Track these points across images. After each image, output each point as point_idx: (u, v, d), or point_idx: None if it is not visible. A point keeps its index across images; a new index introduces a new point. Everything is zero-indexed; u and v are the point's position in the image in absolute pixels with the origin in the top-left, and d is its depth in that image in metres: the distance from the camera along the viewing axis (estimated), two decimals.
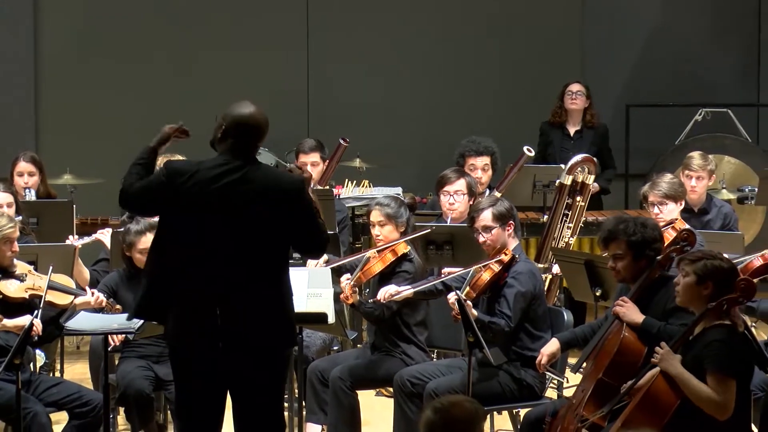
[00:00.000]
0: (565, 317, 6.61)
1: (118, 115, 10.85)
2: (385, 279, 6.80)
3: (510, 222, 6.61)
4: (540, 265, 7.63)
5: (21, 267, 6.42)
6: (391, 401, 6.74)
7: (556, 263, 7.81)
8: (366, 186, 9.25)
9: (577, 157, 8.21)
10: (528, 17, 11.26)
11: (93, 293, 6.53)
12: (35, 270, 6.49)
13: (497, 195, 7.63)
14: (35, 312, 5.99)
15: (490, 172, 8.35)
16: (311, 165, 8.66)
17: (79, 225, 8.21)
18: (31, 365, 6.75)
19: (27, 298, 6.32)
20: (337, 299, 6.61)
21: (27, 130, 10.89)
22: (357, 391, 6.77)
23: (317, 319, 6.09)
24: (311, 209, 5.21)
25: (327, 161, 8.78)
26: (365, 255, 6.85)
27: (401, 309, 6.74)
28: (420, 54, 11.22)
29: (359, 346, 7.60)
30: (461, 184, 7.69)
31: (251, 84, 10.65)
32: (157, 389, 6.65)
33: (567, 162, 8.41)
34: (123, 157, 10.17)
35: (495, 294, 6.48)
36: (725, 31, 11.37)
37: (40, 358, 7.25)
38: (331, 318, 6.10)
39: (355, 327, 8.23)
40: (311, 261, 7.05)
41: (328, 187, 8.74)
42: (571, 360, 6.63)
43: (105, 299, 6.55)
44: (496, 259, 6.47)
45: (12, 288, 6.33)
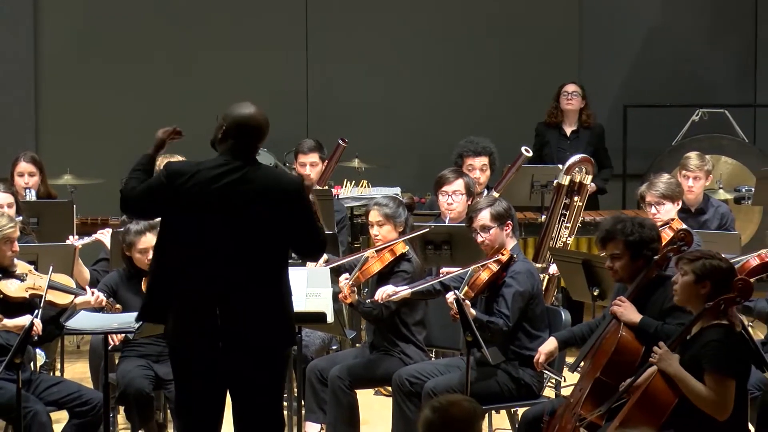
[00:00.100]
0: (563, 317, 6.61)
1: (118, 115, 10.84)
2: (384, 279, 6.80)
3: (508, 222, 6.61)
4: (538, 265, 7.64)
5: (21, 267, 6.41)
6: (390, 400, 6.75)
7: (553, 263, 7.83)
8: (365, 186, 9.22)
9: (575, 158, 8.21)
10: (526, 18, 11.25)
11: (93, 293, 6.53)
12: (35, 270, 6.49)
13: (495, 195, 7.61)
14: (35, 311, 5.98)
15: (488, 172, 8.35)
16: (310, 165, 8.69)
17: (80, 225, 8.20)
18: (32, 364, 6.74)
19: (27, 297, 6.32)
20: (336, 299, 6.63)
21: (27, 130, 10.89)
22: (356, 390, 6.77)
23: (316, 319, 6.08)
24: (310, 210, 5.24)
25: (326, 161, 8.80)
26: (364, 255, 6.85)
27: (400, 308, 6.75)
28: (418, 54, 11.21)
29: (358, 345, 7.59)
30: (459, 184, 7.69)
31: (251, 84, 10.64)
32: (157, 388, 6.64)
33: (564, 162, 8.41)
34: (123, 157, 10.21)
35: (493, 293, 6.48)
36: (722, 32, 11.37)
37: (40, 357, 7.23)
38: (330, 317, 6.09)
39: (354, 326, 8.22)
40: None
41: (327, 187, 8.74)
42: (569, 359, 6.64)
43: (105, 299, 6.55)
44: (494, 259, 6.47)
45: (12, 287, 6.32)
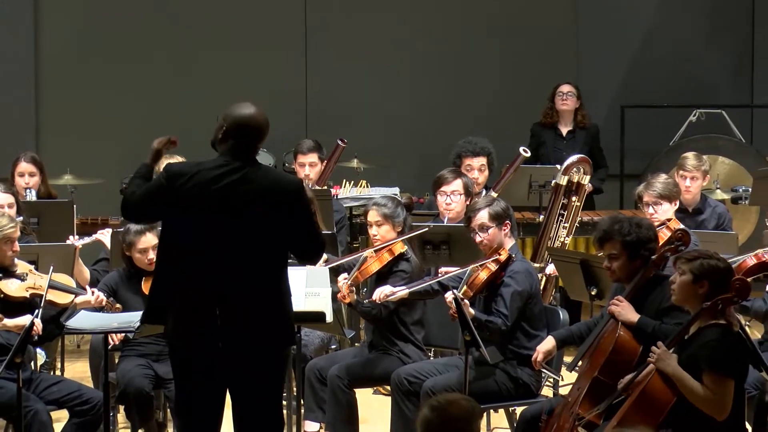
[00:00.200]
0: (561, 316, 6.63)
1: (118, 115, 10.85)
2: (383, 278, 6.82)
3: (506, 222, 6.62)
4: (536, 265, 7.65)
5: (22, 266, 6.42)
6: (389, 399, 6.77)
7: (549, 263, 7.85)
8: (363, 186, 9.23)
9: (573, 158, 8.22)
10: (523, 18, 11.25)
11: (93, 292, 6.53)
12: (36, 269, 6.49)
13: (494, 195, 7.62)
14: (36, 311, 5.98)
15: (486, 172, 8.36)
16: (309, 165, 8.72)
17: (80, 225, 8.20)
18: (32, 364, 6.75)
19: (28, 297, 6.32)
20: (335, 298, 6.65)
21: (27, 130, 10.89)
22: (355, 390, 6.79)
23: (315, 318, 6.09)
24: (310, 211, 5.27)
25: (325, 162, 8.83)
26: (362, 255, 6.86)
27: (398, 308, 6.76)
28: (417, 55, 11.20)
29: (357, 344, 7.59)
30: (458, 184, 7.71)
31: (251, 84, 10.64)
32: (157, 387, 6.65)
33: (561, 162, 8.43)
34: (123, 157, 10.31)
35: (492, 293, 6.49)
36: (720, 33, 11.37)
37: (40, 356, 7.22)
38: (329, 317, 6.09)
39: (353, 326, 8.22)
40: None
41: (326, 188, 8.76)
42: (567, 358, 6.66)
43: (105, 298, 6.56)
44: (492, 259, 6.48)
45: (13, 287, 6.32)
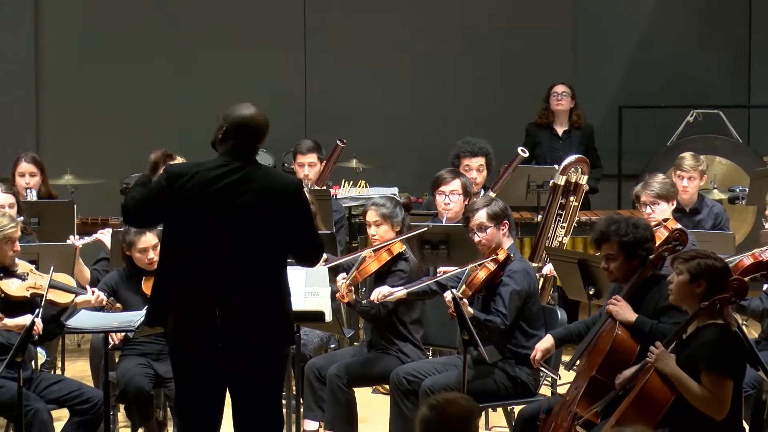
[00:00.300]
0: (559, 315, 6.64)
1: (118, 116, 10.85)
2: (381, 278, 6.83)
3: (504, 221, 6.64)
4: (534, 264, 7.67)
5: (22, 266, 6.43)
6: (388, 398, 6.78)
7: (546, 264, 7.87)
8: (362, 186, 9.24)
9: (571, 158, 8.23)
10: (521, 20, 11.26)
11: (93, 292, 6.54)
12: (36, 269, 6.50)
13: (492, 195, 7.62)
14: (36, 311, 5.99)
15: (484, 172, 8.38)
16: (308, 165, 8.75)
17: (80, 225, 8.20)
18: (33, 363, 6.75)
19: (28, 296, 6.33)
20: (334, 298, 6.67)
21: (28, 130, 10.89)
22: (354, 389, 6.80)
23: (314, 318, 6.11)
24: (309, 212, 5.28)
25: (324, 162, 8.85)
26: (361, 254, 6.88)
27: (397, 307, 6.77)
28: (415, 55, 11.21)
29: (356, 344, 7.59)
30: (456, 184, 7.73)
31: (250, 84, 10.65)
32: (157, 386, 6.67)
33: (557, 162, 8.45)
34: (123, 158, 10.34)
35: (490, 292, 6.50)
36: (716, 34, 11.37)
37: (41, 356, 7.22)
38: (329, 316, 6.12)
39: (352, 325, 8.20)
40: None
41: (325, 188, 8.79)
42: (565, 358, 6.69)
43: (105, 298, 6.57)
44: (491, 258, 6.50)
45: (14, 287, 6.33)
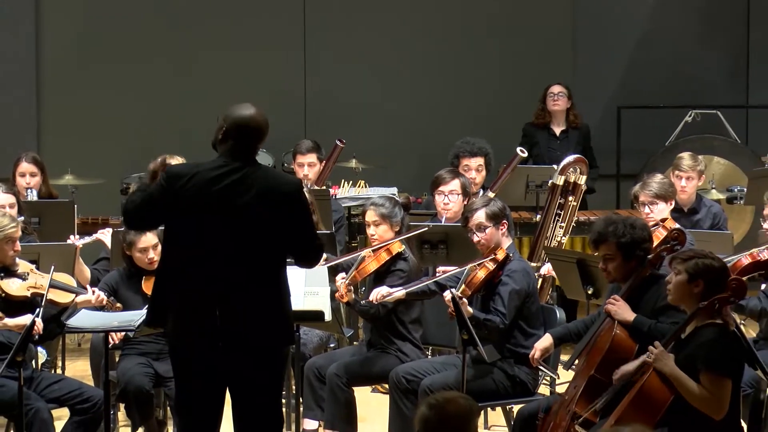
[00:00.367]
0: (558, 315, 6.65)
1: (118, 116, 10.86)
2: (381, 277, 6.85)
3: (503, 221, 6.65)
4: (533, 264, 7.69)
5: (23, 266, 6.44)
6: (387, 397, 6.79)
7: (545, 264, 7.88)
8: (362, 186, 9.26)
9: (570, 158, 8.23)
10: (522, 19, 11.28)
11: (94, 291, 6.56)
12: (37, 269, 6.51)
13: (491, 195, 7.63)
14: (37, 310, 6.00)
15: (483, 172, 8.39)
16: (308, 166, 8.77)
17: (80, 225, 8.20)
18: (33, 362, 6.75)
19: (29, 296, 6.34)
20: (333, 297, 6.68)
21: (28, 130, 10.90)
22: (353, 388, 6.81)
23: (314, 317, 6.13)
24: (309, 212, 5.29)
25: (324, 162, 8.87)
26: (360, 254, 6.90)
27: (396, 307, 6.78)
28: (415, 55, 11.22)
29: (355, 343, 7.61)
30: (456, 184, 7.75)
31: (250, 84, 10.66)
32: (157, 386, 6.67)
33: (554, 161, 8.46)
34: (124, 158, 10.36)
35: (490, 292, 6.51)
36: (715, 34, 11.39)
37: (41, 355, 7.22)
38: (328, 316, 6.14)
39: (351, 324, 8.22)
40: None
41: (324, 188, 8.81)
42: (564, 357, 6.71)
43: (105, 297, 6.58)
44: (490, 258, 6.51)
45: (14, 286, 6.34)
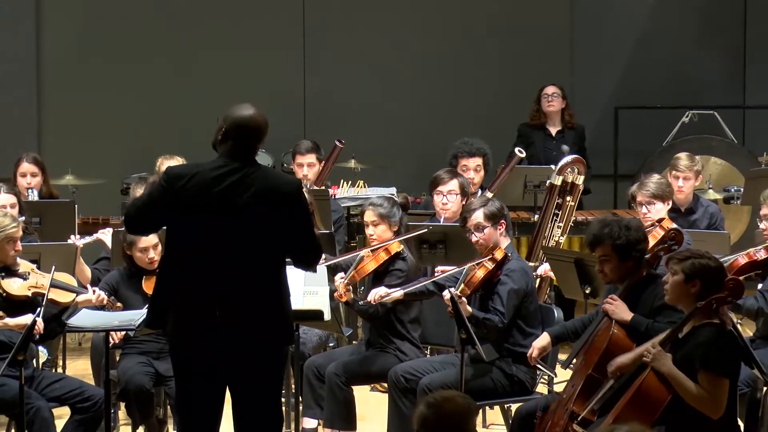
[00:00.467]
0: (556, 314, 6.66)
1: (119, 116, 10.88)
2: (379, 277, 6.86)
3: (501, 221, 6.67)
4: (531, 264, 7.71)
5: (24, 266, 6.45)
6: (386, 396, 6.80)
7: (542, 264, 7.91)
8: (361, 186, 9.27)
9: (568, 158, 8.24)
10: (520, 19, 11.29)
11: (94, 291, 6.57)
12: (38, 269, 6.53)
13: (489, 195, 7.64)
14: (38, 310, 6.01)
15: (482, 172, 8.39)
16: (307, 166, 8.78)
17: (81, 225, 8.21)
18: (34, 361, 6.76)
19: (30, 295, 6.36)
20: (332, 297, 6.71)
21: (29, 130, 10.92)
22: (352, 387, 6.83)
23: (313, 317, 6.14)
24: (308, 212, 5.31)
25: (323, 162, 8.89)
26: (359, 254, 6.91)
27: (395, 306, 6.80)
28: (415, 55, 11.23)
29: (354, 342, 7.63)
30: (454, 184, 7.76)
31: (250, 84, 10.67)
32: (158, 385, 6.69)
33: (551, 162, 8.48)
34: (124, 158, 10.39)
35: (488, 291, 6.53)
36: (712, 35, 11.41)
37: (42, 354, 7.23)
38: (327, 315, 6.14)
39: (350, 324, 8.24)
40: None
41: (323, 188, 8.83)
42: (562, 356, 6.74)
43: (106, 297, 6.59)
44: (489, 257, 6.53)
45: (15, 286, 6.36)
